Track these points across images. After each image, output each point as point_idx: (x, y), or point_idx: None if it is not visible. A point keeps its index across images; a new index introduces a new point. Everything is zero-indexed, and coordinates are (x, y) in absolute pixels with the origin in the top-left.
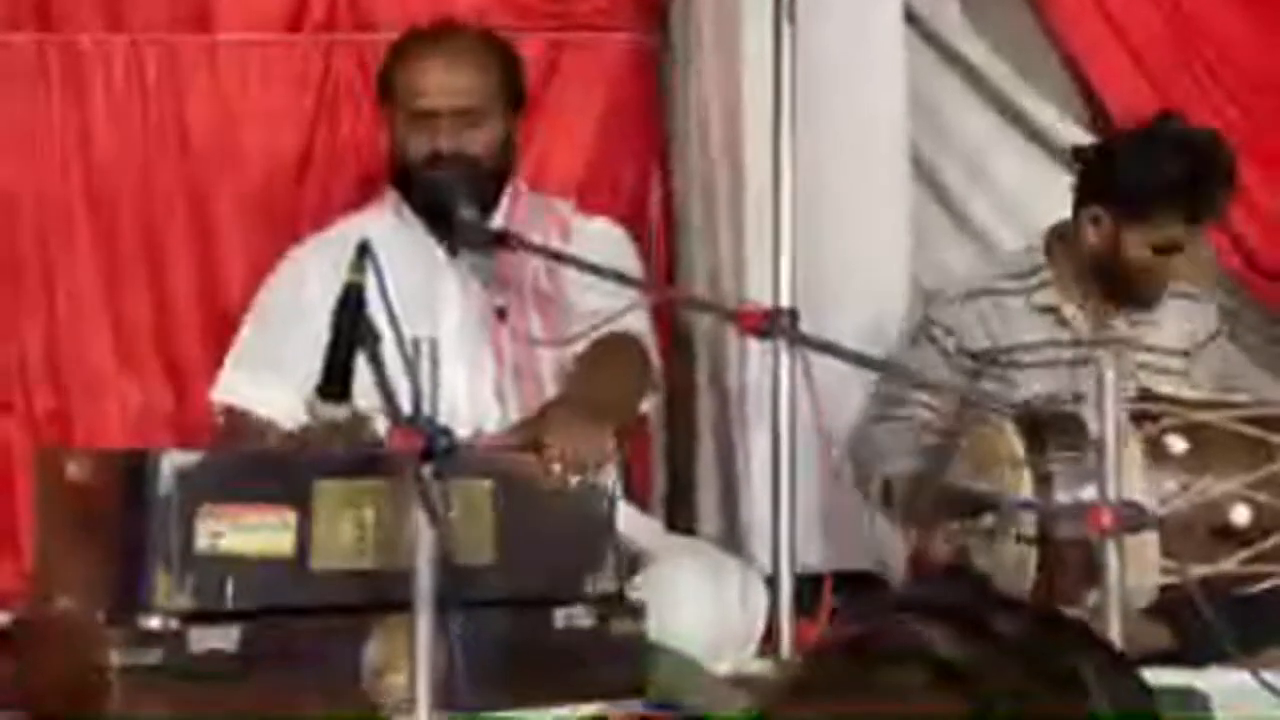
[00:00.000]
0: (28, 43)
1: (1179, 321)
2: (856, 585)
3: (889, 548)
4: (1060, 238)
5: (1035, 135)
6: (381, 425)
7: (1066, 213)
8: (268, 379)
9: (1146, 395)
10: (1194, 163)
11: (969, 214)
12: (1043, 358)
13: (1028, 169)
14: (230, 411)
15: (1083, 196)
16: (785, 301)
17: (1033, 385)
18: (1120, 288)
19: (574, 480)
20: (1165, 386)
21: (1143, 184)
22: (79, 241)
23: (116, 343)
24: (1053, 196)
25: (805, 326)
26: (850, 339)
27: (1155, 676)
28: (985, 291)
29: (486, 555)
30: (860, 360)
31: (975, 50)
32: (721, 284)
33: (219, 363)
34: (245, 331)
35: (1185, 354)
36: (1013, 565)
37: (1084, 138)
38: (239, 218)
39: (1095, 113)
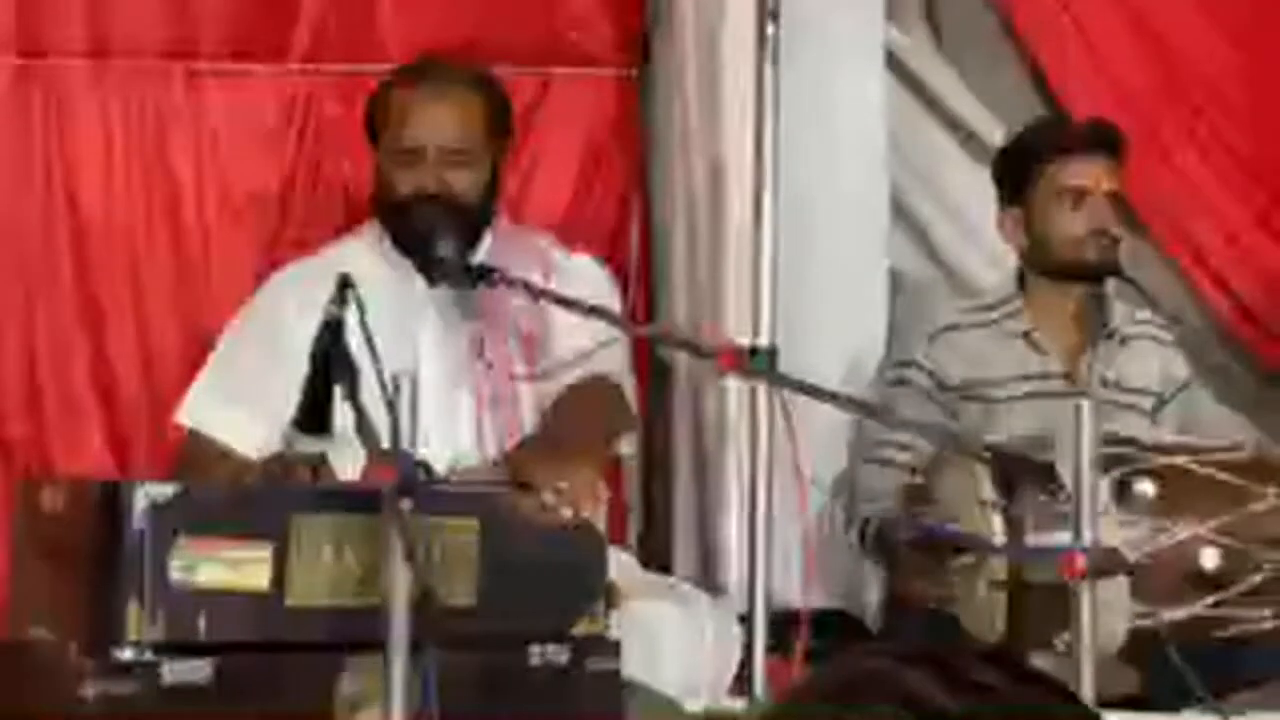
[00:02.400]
0: (9, 68)
1: (1149, 362)
2: (832, 624)
3: (864, 587)
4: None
5: None
6: (357, 463)
7: None
8: (234, 405)
9: (1115, 439)
10: (1045, 118)
11: (944, 253)
12: (1018, 390)
13: None
14: (193, 435)
15: (1000, 214)
16: (765, 340)
17: (1009, 418)
18: (1072, 264)
19: (567, 516)
20: (1132, 427)
21: (1025, 146)
22: (59, 268)
23: (95, 372)
24: None
25: (784, 364)
26: (829, 377)
27: None
28: (954, 326)
29: (468, 596)
30: (838, 401)
31: (955, 92)
32: (701, 320)
33: None
34: (218, 354)
35: (1155, 395)
36: (983, 607)
37: None
38: (220, 247)
39: None
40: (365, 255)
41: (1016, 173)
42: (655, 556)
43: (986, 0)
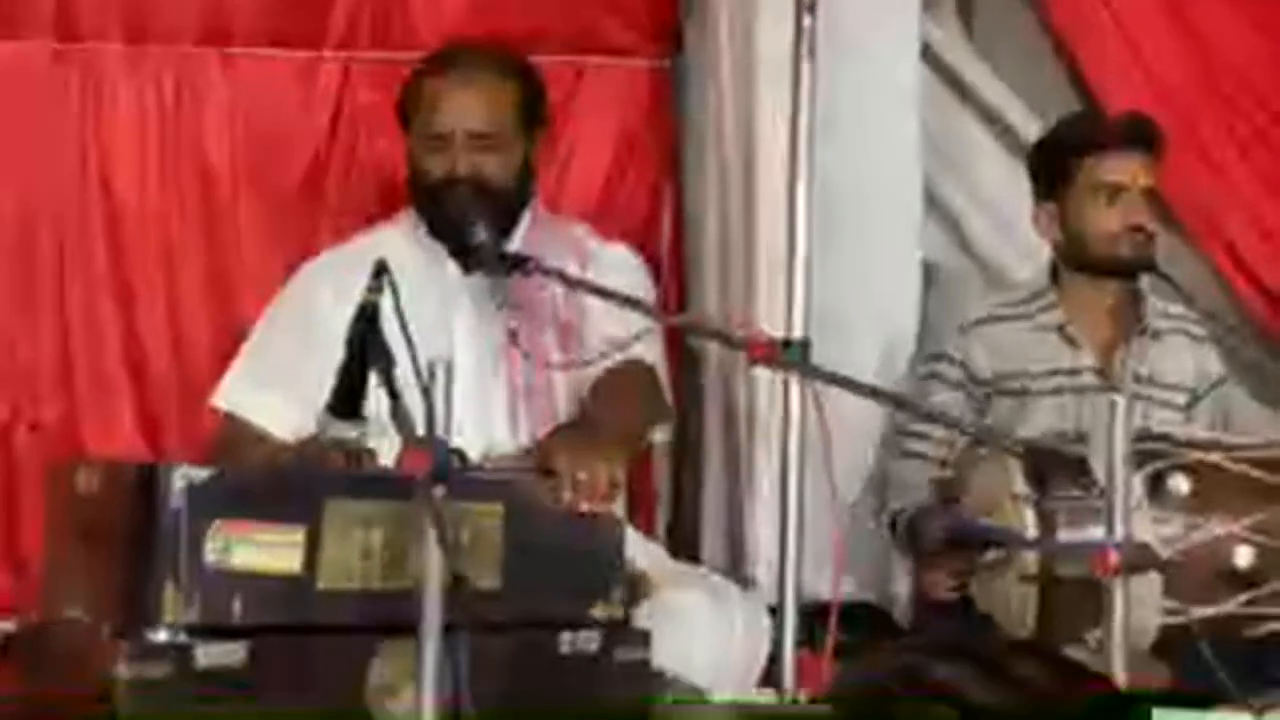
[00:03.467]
0: (46, 52)
1: (1182, 359)
2: (861, 617)
3: (894, 580)
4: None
5: None
6: (390, 449)
7: None
8: (270, 390)
9: (1149, 435)
10: (1081, 112)
11: (978, 246)
12: (1051, 385)
13: None
14: (229, 419)
15: (1035, 208)
16: (798, 332)
17: (1040, 414)
18: (1106, 260)
19: (584, 507)
20: (1166, 424)
21: (1061, 142)
22: (93, 252)
23: (128, 355)
24: None
25: (815, 355)
26: (861, 368)
27: (1156, 718)
28: (988, 319)
29: (494, 579)
30: (870, 393)
31: (989, 85)
32: (732, 309)
33: None
34: (253, 340)
35: (1190, 392)
36: (1015, 602)
37: None
38: (254, 233)
39: None
40: (400, 243)
41: (1052, 167)
42: (683, 546)
43: None
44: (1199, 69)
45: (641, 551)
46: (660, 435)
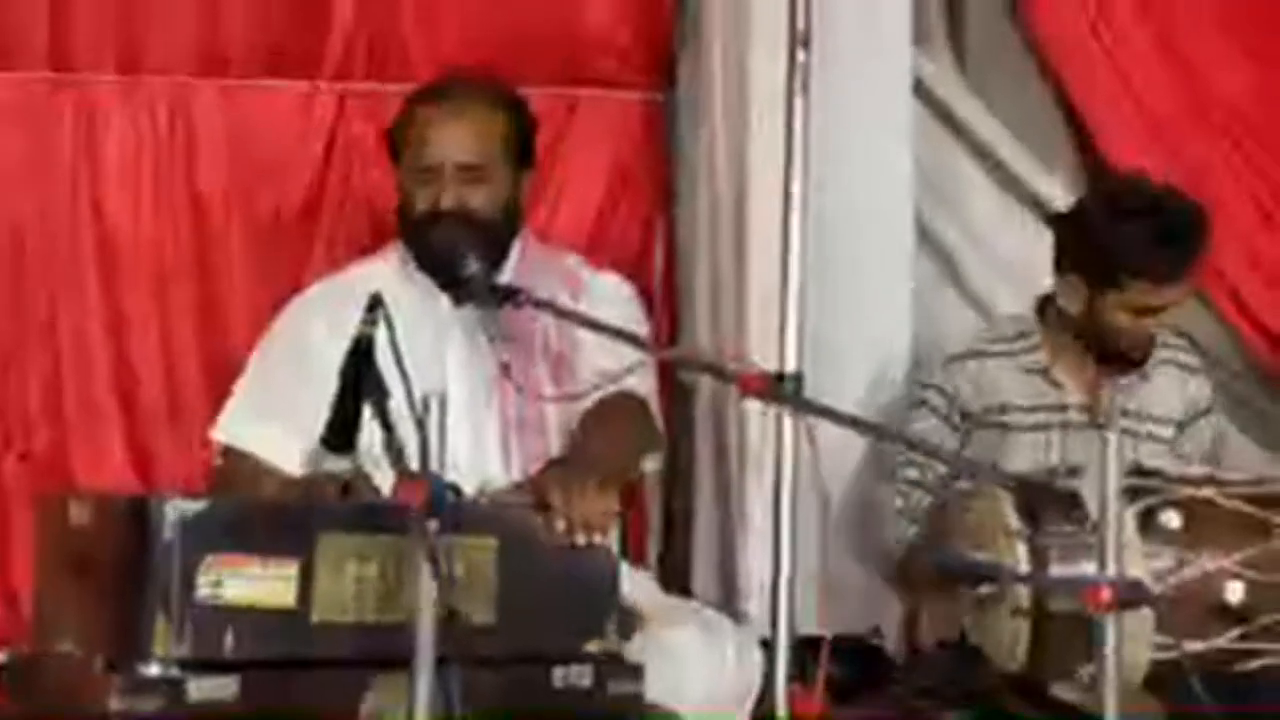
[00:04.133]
0: (40, 83)
1: (1171, 391)
2: (853, 651)
3: (885, 614)
4: (1051, 302)
5: (1037, 205)
6: (384, 481)
7: None
8: (270, 421)
9: (1139, 470)
10: (1160, 226)
11: (969, 281)
12: (1034, 420)
13: (1029, 238)
14: (230, 452)
15: (1059, 264)
16: (790, 364)
17: (1023, 448)
18: (1106, 349)
19: (580, 541)
20: (1153, 457)
21: (1111, 251)
22: (86, 281)
23: (118, 383)
24: (1051, 266)
25: (807, 387)
26: (852, 399)
27: None
28: (974, 354)
29: (489, 613)
30: (862, 427)
31: (981, 119)
32: (724, 342)
33: (222, 406)
34: (250, 373)
35: (1176, 425)
36: (1007, 637)
37: None
38: (247, 262)
39: (1096, 183)
40: (391, 275)
41: (1098, 267)
42: (674, 578)
43: (1013, 21)
44: (1190, 99)
45: (633, 584)
46: (651, 464)
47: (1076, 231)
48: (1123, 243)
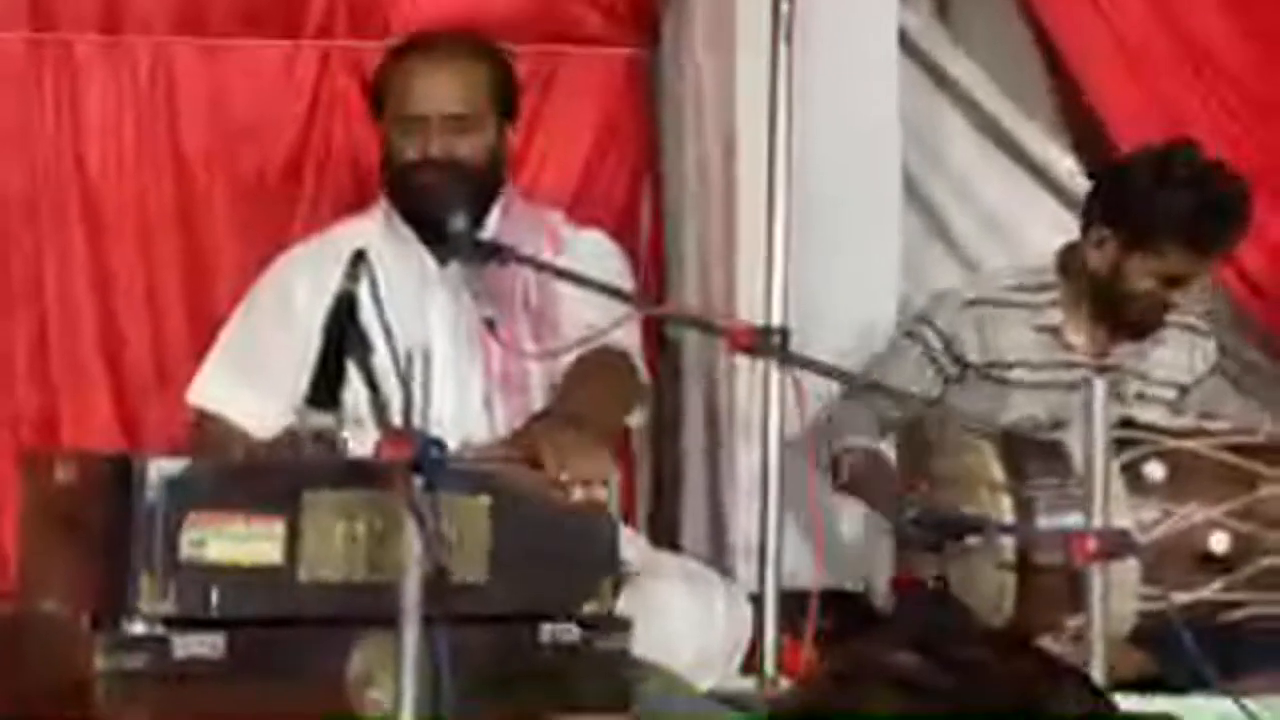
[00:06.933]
0: (21, 43)
1: (1179, 355)
2: (841, 605)
3: (874, 567)
4: (1073, 256)
5: (1022, 157)
6: (368, 438)
7: (1049, 235)
8: (246, 385)
9: (1126, 422)
10: (1207, 197)
11: (955, 233)
12: (1038, 378)
13: (1013, 190)
14: (203, 415)
15: (1091, 217)
16: (777, 320)
17: (1024, 404)
18: (1119, 313)
19: (578, 495)
20: (1152, 417)
21: (1153, 214)
22: (69, 242)
23: (105, 344)
24: (1036, 218)
25: (794, 343)
26: (838, 355)
27: (1135, 704)
28: (991, 301)
29: (481, 572)
30: (849, 379)
31: (965, 71)
32: (712, 299)
33: None
34: (228, 334)
35: (1181, 388)
36: (993, 590)
37: (1067, 161)
38: (230, 222)
39: (1080, 136)
40: (375, 233)
41: (1134, 229)
42: (664, 534)
43: None
44: (1174, 40)
45: (624, 542)
46: (638, 419)
47: (1120, 188)
48: (1171, 207)
